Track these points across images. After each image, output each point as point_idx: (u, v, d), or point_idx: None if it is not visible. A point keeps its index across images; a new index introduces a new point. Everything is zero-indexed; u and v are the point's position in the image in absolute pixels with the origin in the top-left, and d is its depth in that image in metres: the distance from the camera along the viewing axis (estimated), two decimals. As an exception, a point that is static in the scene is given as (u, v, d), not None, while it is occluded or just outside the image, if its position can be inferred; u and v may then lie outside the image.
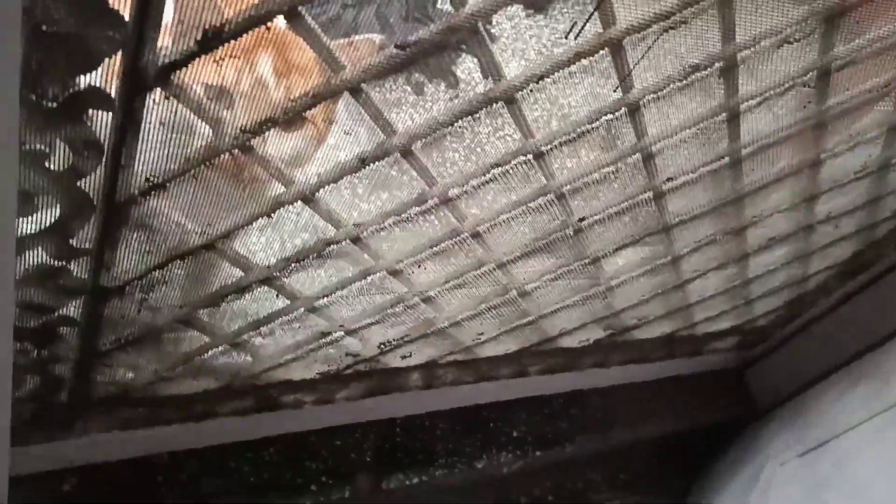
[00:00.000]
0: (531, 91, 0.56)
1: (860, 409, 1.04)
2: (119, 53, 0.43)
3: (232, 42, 0.44)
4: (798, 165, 0.77)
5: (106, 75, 0.45)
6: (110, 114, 0.47)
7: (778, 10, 0.57)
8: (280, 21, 0.44)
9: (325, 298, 0.71)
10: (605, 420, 1.19)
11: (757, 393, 1.34)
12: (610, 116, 0.61)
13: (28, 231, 0.54)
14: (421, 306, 0.79)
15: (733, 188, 0.78)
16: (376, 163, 0.57)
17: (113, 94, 0.46)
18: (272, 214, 0.58)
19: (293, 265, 0.65)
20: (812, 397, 1.19)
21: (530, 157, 0.62)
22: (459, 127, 0.57)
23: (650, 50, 0.56)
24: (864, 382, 1.07)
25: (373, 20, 0.55)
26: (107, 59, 0.44)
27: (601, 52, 0.55)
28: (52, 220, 0.54)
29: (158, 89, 0.46)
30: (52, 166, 0.50)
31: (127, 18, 0.42)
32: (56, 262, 0.58)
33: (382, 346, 0.84)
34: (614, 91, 0.59)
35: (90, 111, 0.47)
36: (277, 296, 0.69)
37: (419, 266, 0.72)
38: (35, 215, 0.54)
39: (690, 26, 0.55)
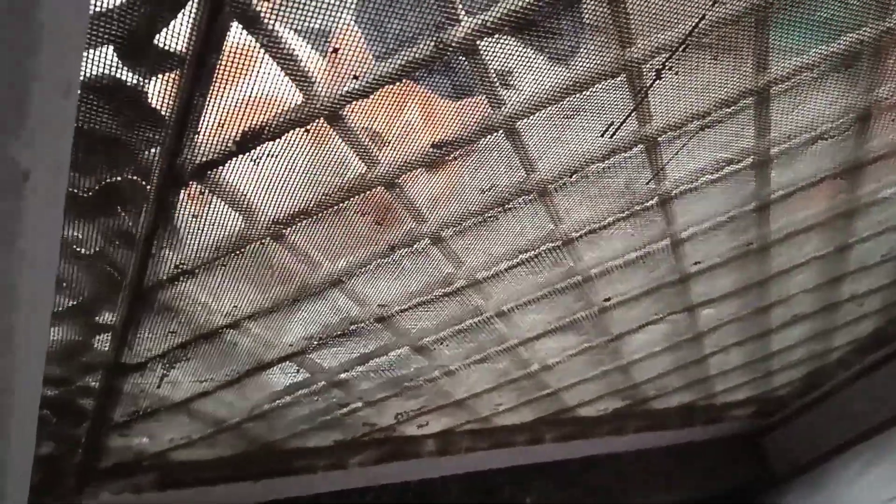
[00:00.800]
0: (563, 184, 0.55)
1: (883, 487, 1.02)
2: (157, 150, 0.43)
3: (270, 143, 0.44)
4: (826, 250, 0.77)
5: (142, 167, 0.45)
6: (142, 203, 0.47)
7: (814, 110, 0.56)
8: (320, 122, 0.44)
9: (346, 373, 0.71)
10: (620, 486, 1.17)
11: (774, 460, 1.32)
12: (640, 206, 0.61)
13: (54, 308, 0.54)
14: (441, 380, 0.78)
15: (760, 271, 0.77)
16: (405, 249, 0.57)
17: (148, 188, 0.45)
18: (299, 297, 0.58)
19: (316, 342, 0.64)
20: (830, 471, 1.17)
21: (559, 243, 0.62)
22: (490, 217, 0.57)
23: (685, 146, 0.55)
24: (886, 460, 1.05)
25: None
26: (144, 156, 0.44)
27: (636, 148, 0.54)
28: (79, 300, 0.54)
29: (194, 184, 0.46)
30: (82, 250, 0.50)
31: (167, 119, 0.41)
32: (79, 338, 0.58)
33: (399, 416, 0.83)
34: (647, 183, 0.58)
35: (123, 201, 0.47)
36: (298, 371, 0.68)
37: (441, 342, 0.71)
38: (62, 294, 0.53)
39: (726, 124, 0.55)
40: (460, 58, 0.43)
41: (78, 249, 0.50)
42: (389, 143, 0.48)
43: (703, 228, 0.66)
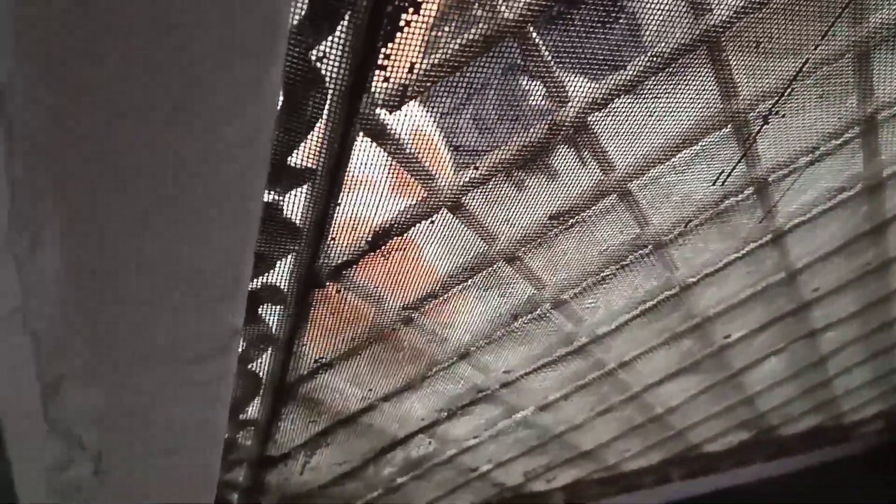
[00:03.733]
0: (678, 234, 0.56)
1: None
2: (295, 258, 0.46)
3: (398, 238, 0.46)
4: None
5: (281, 273, 0.47)
6: (282, 307, 0.49)
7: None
8: (443, 213, 0.46)
9: (475, 439, 0.72)
10: (752, 518, 1.14)
11: (911, 474, 1.26)
12: (755, 244, 0.61)
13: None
14: (567, 434, 0.78)
15: (880, 288, 0.75)
16: (528, 315, 0.58)
17: (287, 292, 0.48)
18: (428, 374, 0.59)
19: (445, 414, 0.66)
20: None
21: (676, 289, 0.62)
22: (608, 274, 0.57)
23: (796, 182, 0.55)
24: None
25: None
26: (284, 264, 0.46)
27: (747, 190, 0.54)
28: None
29: (332, 284, 0.48)
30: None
31: (304, 230, 0.44)
32: (226, 437, 0.60)
33: (528, 474, 0.83)
34: (760, 222, 0.58)
35: (265, 306, 0.49)
36: (430, 443, 0.69)
37: (566, 399, 0.71)
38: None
39: (835, 156, 0.55)
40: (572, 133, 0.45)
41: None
42: (508, 220, 0.49)
43: (819, 256, 0.65)
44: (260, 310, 0.50)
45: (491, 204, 0.48)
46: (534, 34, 0.39)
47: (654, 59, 0.42)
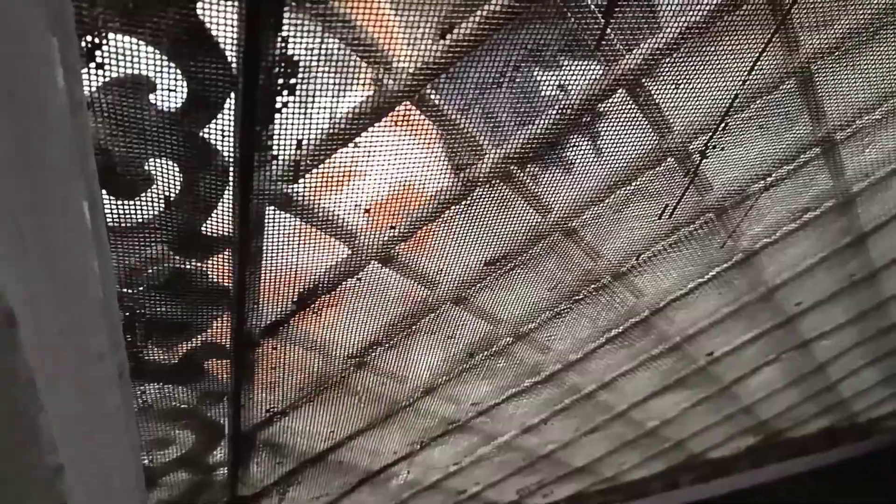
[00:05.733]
0: (631, 267, 0.54)
1: None
2: (224, 321, 0.46)
3: (327, 295, 0.45)
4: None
5: (219, 333, 0.47)
6: (227, 362, 0.50)
7: (881, 149, 0.53)
8: (372, 265, 0.45)
9: (456, 465, 0.71)
10: (772, 517, 1.12)
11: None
12: (720, 267, 0.59)
13: (169, 458, 0.58)
14: (556, 454, 0.77)
15: (872, 296, 0.72)
16: (484, 352, 0.57)
17: (224, 352, 0.48)
18: (391, 413, 0.59)
19: (419, 445, 0.66)
20: None
21: (645, 314, 0.61)
22: (564, 309, 0.56)
23: (752, 208, 0.53)
24: None
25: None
26: (214, 328, 0.46)
27: (703, 217, 0.53)
28: (188, 447, 0.57)
29: (268, 340, 0.48)
30: (179, 405, 0.53)
31: (228, 293, 0.44)
32: (196, 478, 0.61)
33: (521, 491, 0.83)
34: (721, 247, 0.56)
35: (210, 362, 0.50)
36: (408, 472, 0.69)
37: (546, 423, 0.71)
38: (173, 446, 0.57)
39: (793, 178, 0.52)
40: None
41: (176, 406, 0.53)
42: (444, 269, 0.48)
43: (797, 272, 0.63)
44: (206, 365, 0.50)
45: (424, 253, 0.47)
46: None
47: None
